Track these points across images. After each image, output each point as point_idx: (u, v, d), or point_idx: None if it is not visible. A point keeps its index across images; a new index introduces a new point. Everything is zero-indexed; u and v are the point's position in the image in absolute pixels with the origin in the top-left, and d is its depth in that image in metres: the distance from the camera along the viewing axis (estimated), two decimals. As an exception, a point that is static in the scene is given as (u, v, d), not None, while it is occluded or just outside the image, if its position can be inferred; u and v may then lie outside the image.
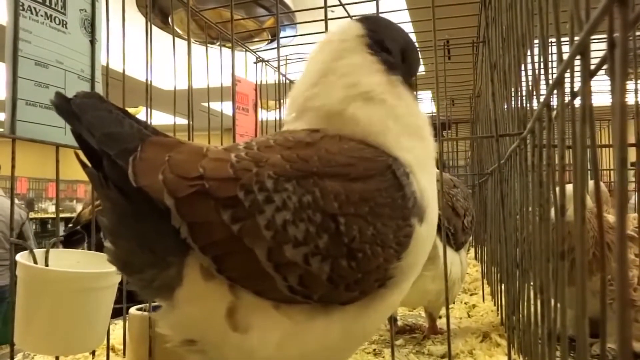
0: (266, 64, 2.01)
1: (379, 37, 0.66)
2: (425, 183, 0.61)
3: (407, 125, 0.63)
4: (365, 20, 0.68)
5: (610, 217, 1.11)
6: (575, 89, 0.41)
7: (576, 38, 0.38)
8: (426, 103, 3.95)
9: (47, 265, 0.91)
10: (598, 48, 0.44)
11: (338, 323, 0.55)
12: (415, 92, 0.69)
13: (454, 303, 1.56)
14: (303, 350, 0.55)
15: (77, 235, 2.10)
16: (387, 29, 0.68)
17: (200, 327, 0.56)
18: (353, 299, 0.55)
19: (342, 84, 0.63)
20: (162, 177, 0.51)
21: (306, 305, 0.54)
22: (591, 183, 0.98)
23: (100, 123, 0.53)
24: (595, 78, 0.37)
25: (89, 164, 0.55)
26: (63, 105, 0.54)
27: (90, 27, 1.01)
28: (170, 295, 0.55)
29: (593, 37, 0.35)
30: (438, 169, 0.98)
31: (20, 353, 1.16)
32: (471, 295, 1.76)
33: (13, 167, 0.87)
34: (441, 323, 1.32)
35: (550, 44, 0.67)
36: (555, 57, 0.47)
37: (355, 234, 0.52)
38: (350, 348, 0.64)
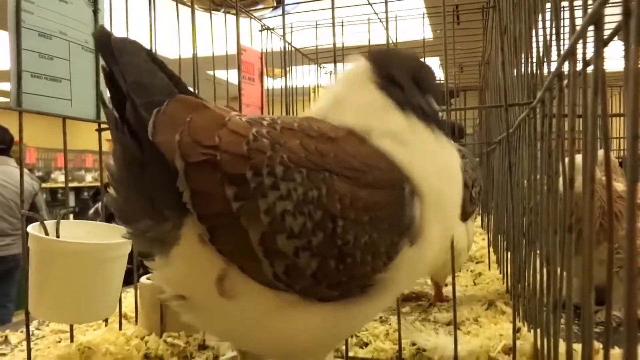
0: (271, 32, 1.98)
1: (387, 71, 0.64)
2: (435, 223, 0.59)
3: (433, 165, 0.61)
4: (372, 56, 0.66)
5: (618, 186, 1.11)
6: (587, 58, 0.40)
7: (590, 2, 0.37)
8: (435, 70, 3.89)
9: (58, 236, 0.93)
10: (611, 12, 0.42)
11: (317, 316, 0.56)
12: (435, 117, 0.65)
13: (459, 271, 1.58)
14: (284, 332, 0.57)
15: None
16: (394, 61, 0.66)
17: (190, 286, 0.58)
18: (332, 298, 0.56)
19: (359, 116, 0.61)
20: (179, 137, 0.52)
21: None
22: (600, 152, 0.97)
23: (134, 70, 0.53)
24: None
25: (110, 105, 0.56)
26: (103, 40, 0.54)
27: (93, -4, 0.99)
28: (163, 249, 0.56)
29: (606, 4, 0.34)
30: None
31: (36, 320, 1.19)
32: (477, 263, 1.77)
33: (21, 139, 0.87)
34: (447, 291, 1.33)
35: (562, 9, 0.65)
36: (567, 22, 0.46)
37: (350, 238, 0.53)
38: (328, 342, 0.65)
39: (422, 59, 0.69)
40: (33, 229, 0.89)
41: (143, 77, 0.54)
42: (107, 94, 0.56)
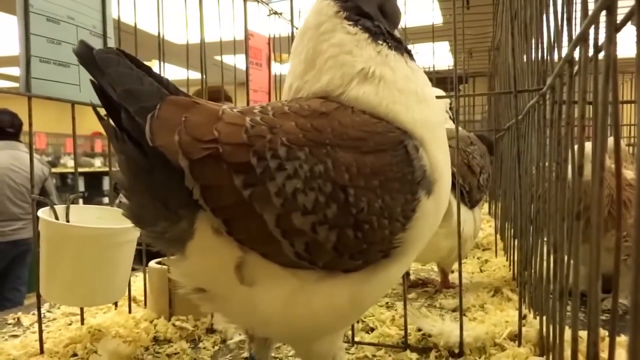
0: (279, 17, 1.96)
1: (354, 4, 0.64)
2: (437, 153, 0.61)
3: (411, 94, 0.62)
4: None
5: (628, 174, 1.10)
6: (599, 43, 0.40)
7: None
8: (443, 55, 3.85)
9: (68, 221, 0.94)
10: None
11: (343, 288, 0.57)
12: (404, 44, 0.66)
13: (466, 258, 1.58)
14: (308, 311, 0.57)
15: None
16: None
17: (209, 277, 0.59)
18: (356, 268, 0.57)
19: (333, 65, 0.62)
20: (178, 138, 0.52)
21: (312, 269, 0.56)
22: (610, 140, 0.96)
23: (121, 79, 0.54)
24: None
25: (106, 116, 0.56)
26: (86, 55, 0.54)
27: (100, -20, 0.99)
28: (182, 246, 0.57)
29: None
30: (454, 122, 0.97)
31: (48, 303, 1.21)
32: (484, 250, 1.77)
33: (30, 125, 0.88)
34: (453, 277, 1.34)
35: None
36: (578, 6, 0.45)
37: (363, 205, 0.54)
38: (352, 315, 0.66)
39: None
40: (43, 213, 0.90)
41: (132, 85, 0.54)
42: (100, 107, 0.56)
